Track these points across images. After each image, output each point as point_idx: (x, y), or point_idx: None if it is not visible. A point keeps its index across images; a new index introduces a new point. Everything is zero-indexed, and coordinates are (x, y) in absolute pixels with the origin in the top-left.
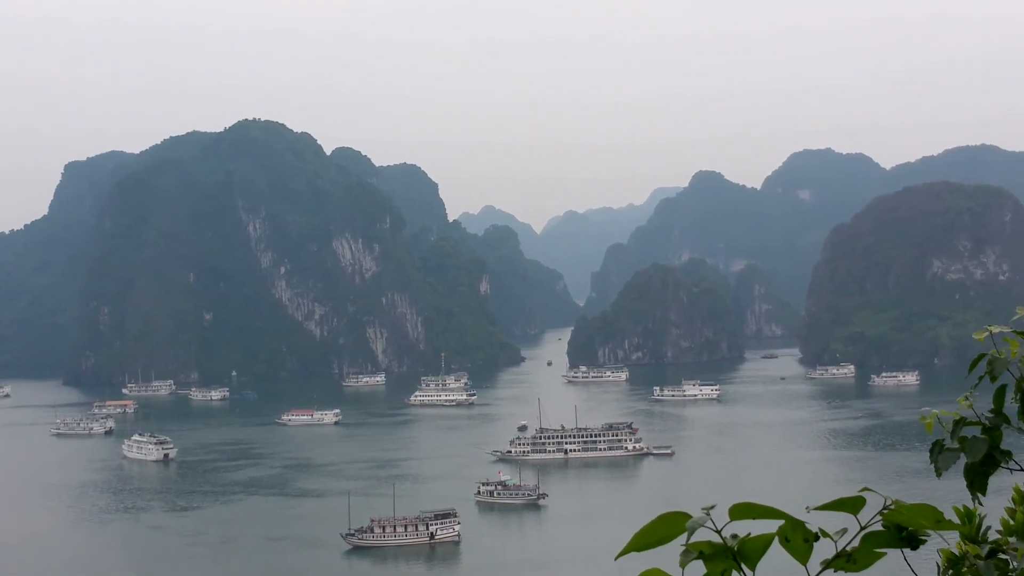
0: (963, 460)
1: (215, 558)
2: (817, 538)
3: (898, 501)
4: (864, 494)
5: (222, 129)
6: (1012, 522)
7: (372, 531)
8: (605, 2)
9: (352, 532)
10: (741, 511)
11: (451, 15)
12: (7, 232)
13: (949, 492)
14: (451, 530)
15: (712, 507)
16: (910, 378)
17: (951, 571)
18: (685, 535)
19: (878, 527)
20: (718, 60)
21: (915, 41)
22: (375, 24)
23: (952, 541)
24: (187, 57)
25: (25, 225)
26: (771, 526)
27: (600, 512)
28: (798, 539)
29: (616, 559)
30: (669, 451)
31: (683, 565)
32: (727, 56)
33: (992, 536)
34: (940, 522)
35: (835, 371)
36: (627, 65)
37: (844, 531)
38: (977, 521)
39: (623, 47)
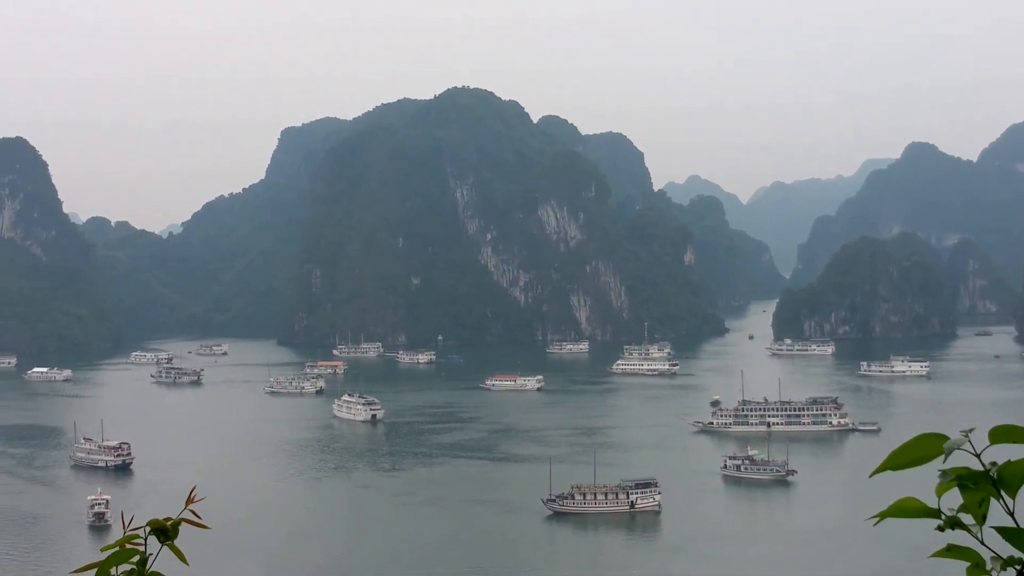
0: None
1: (421, 518)
2: None
3: None
4: None
5: (432, 97)
6: None
7: (573, 498)
8: None
9: (553, 498)
10: (1002, 434)
11: None
12: (227, 195)
13: None
14: (652, 500)
15: (971, 430)
16: None
17: None
18: (940, 458)
19: None
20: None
21: None
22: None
23: None
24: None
25: (243, 189)
26: None
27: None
28: None
29: (871, 476)
30: (875, 427)
31: (939, 492)
32: None
33: None
34: None
35: None
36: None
37: None
38: None
39: None
